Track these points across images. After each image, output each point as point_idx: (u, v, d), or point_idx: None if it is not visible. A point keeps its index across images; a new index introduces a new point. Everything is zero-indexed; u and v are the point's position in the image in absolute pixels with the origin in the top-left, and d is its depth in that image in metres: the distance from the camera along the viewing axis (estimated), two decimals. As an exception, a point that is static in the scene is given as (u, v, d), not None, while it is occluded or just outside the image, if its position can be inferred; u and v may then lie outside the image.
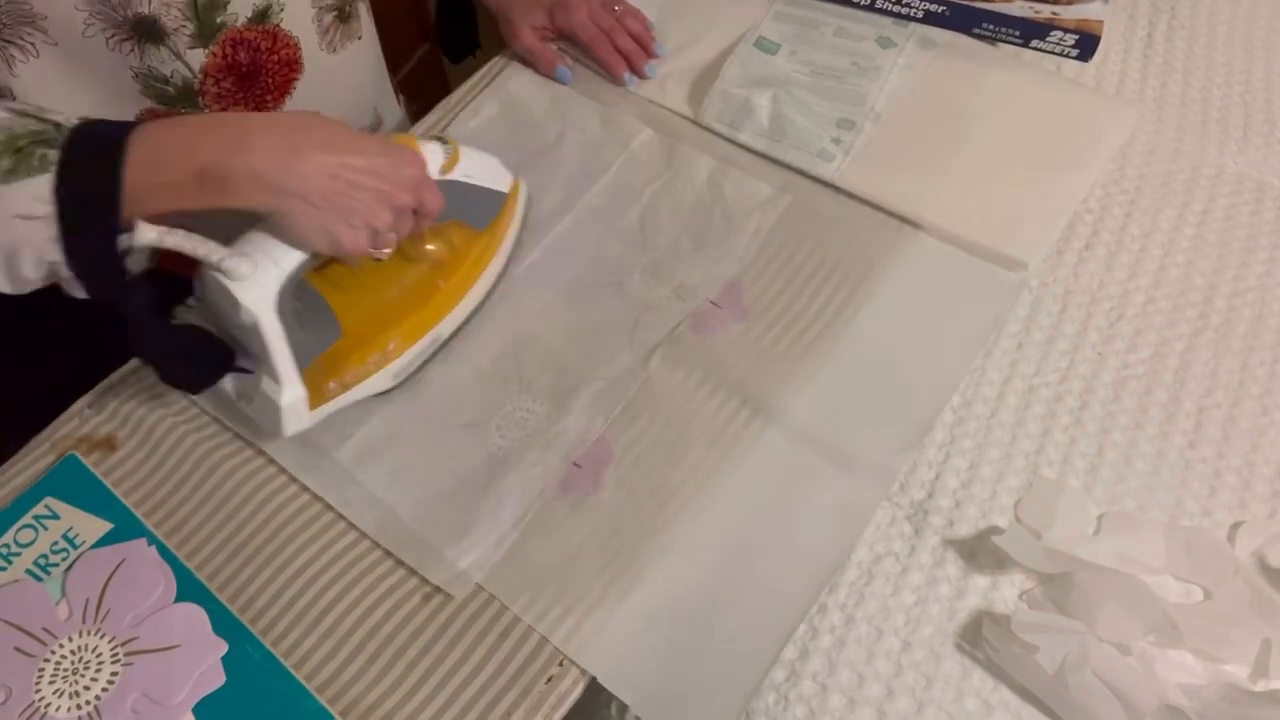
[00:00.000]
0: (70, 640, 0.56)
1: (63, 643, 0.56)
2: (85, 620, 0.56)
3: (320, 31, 0.71)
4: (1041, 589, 0.59)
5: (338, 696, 0.56)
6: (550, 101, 0.83)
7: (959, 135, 0.77)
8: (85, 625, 0.56)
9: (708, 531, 0.61)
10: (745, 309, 0.70)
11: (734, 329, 0.69)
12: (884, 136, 0.77)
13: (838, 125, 0.77)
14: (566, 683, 0.56)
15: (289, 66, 0.70)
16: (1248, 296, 0.71)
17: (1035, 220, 0.72)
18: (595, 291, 0.72)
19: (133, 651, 0.55)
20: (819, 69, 0.81)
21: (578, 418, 0.65)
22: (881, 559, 0.61)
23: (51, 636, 0.56)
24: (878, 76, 0.80)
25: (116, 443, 0.65)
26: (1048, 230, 0.72)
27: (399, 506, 0.62)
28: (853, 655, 0.57)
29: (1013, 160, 0.75)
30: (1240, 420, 0.65)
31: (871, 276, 0.71)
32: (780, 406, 0.65)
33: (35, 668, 0.55)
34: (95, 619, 0.56)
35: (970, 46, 0.82)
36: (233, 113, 0.67)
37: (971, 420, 0.66)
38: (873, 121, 0.77)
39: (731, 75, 0.80)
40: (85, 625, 0.56)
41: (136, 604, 0.57)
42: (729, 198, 0.76)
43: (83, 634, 0.56)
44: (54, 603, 0.57)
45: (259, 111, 0.70)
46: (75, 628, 0.56)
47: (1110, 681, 0.52)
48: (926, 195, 0.74)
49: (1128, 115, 0.79)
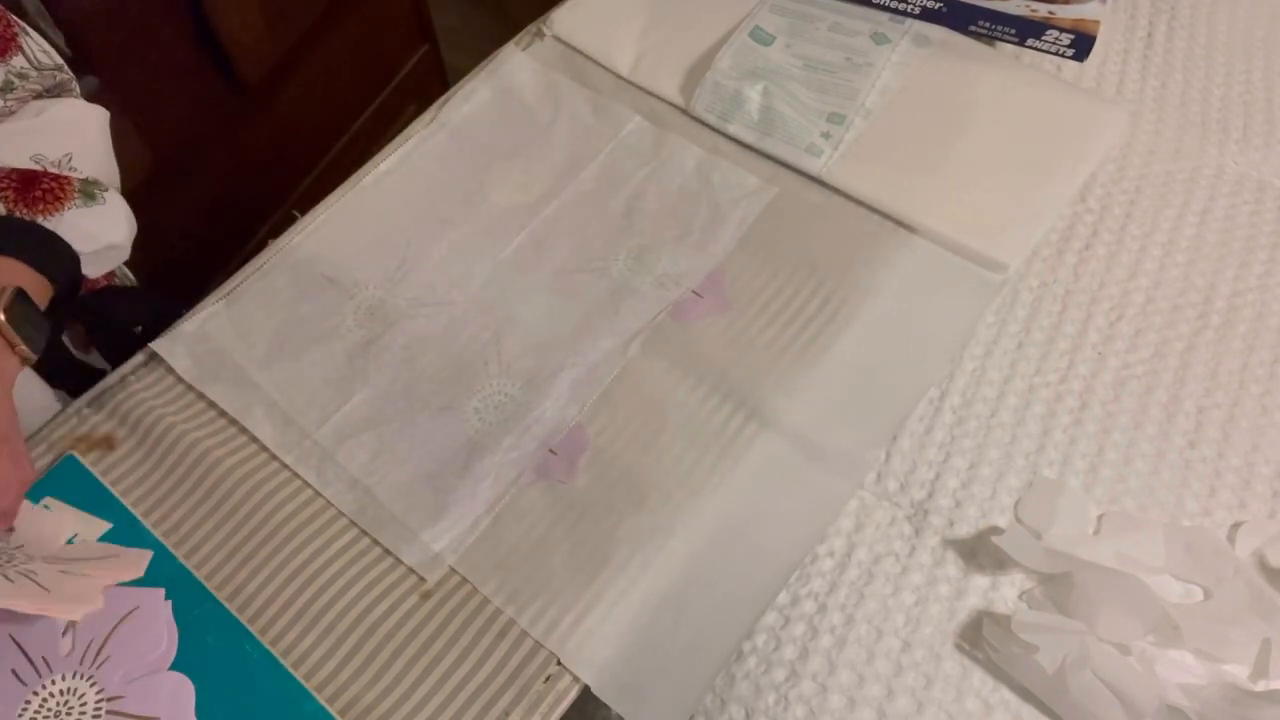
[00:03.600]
0: (63, 679, 0.55)
1: (55, 679, 0.55)
2: (83, 662, 0.56)
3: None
4: (1041, 589, 0.59)
5: (336, 695, 0.56)
6: (543, 88, 0.83)
7: (948, 134, 0.77)
8: (81, 668, 0.56)
9: (680, 521, 0.61)
10: (727, 300, 0.70)
11: (715, 319, 0.69)
12: (874, 133, 0.77)
13: (828, 120, 0.77)
14: (565, 682, 0.56)
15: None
16: (1248, 296, 0.71)
17: (1019, 222, 0.72)
18: (579, 277, 0.72)
19: (114, 712, 0.55)
20: (812, 63, 0.81)
21: (555, 403, 0.66)
22: (881, 559, 0.61)
23: (47, 669, 0.55)
24: (870, 72, 0.80)
25: (115, 442, 0.65)
26: (1031, 232, 0.72)
27: (378, 488, 0.63)
28: (853, 655, 0.57)
29: (1000, 161, 0.75)
30: (1240, 420, 0.65)
31: (853, 273, 0.71)
32: (757, 399, 0.65)
33: (23, 699, 0.55)
34: (93, 663, 0.56)
35: (965, 45, 0.82)
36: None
37: (971, 420, 0.66)
38: (863, 117, 0.77)
39: (723, 66, 0.80)
40: (81, 668, 0.56)
41: (133, 660, 0.56)
42: (716, 187, 0.76)
43: (76, 676, 0.55)
44: (60, 632, 0.57)
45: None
46: (71, 667, 0.56)
47: (1110, 681, 0.52)
48: (912, 193, 0.74)
49: (1119, 118, 0.78)
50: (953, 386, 0.67)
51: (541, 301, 0.71)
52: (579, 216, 0.75)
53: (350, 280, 0.72)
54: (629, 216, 0.75)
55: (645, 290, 0.71)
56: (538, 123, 0.81)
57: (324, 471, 0.64)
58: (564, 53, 0.86)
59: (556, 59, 0.85)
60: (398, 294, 0.71)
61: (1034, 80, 0.81)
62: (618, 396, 0.66)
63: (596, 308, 0.70)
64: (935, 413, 0.66)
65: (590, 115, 0.81)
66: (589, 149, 0.79)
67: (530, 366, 0.68)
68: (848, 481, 0.63)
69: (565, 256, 0.73)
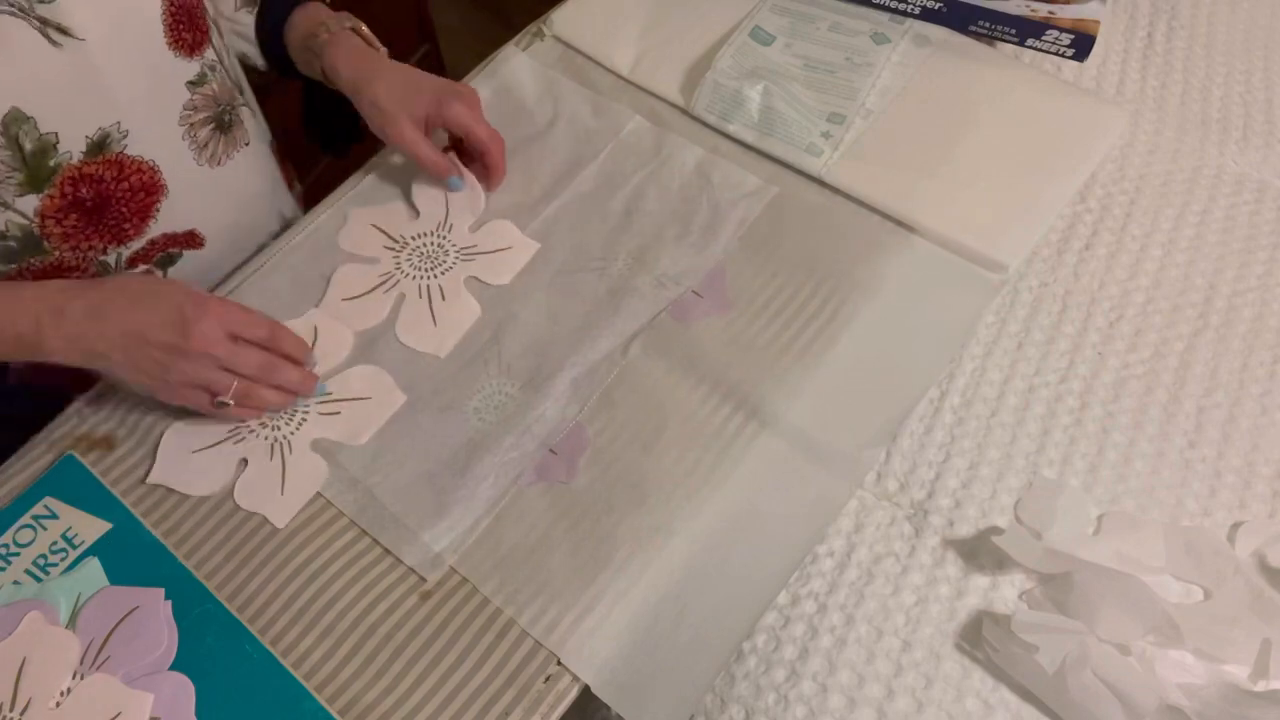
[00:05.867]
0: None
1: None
2: (83, 662, 0.56)
3: (196, 147, 0.69)
4: (1041, 589, 0.59)
5: (336, 695, 0.56)
6: (543, 88, 0.83)
7: (948, 134, 0.77)
8: (81, 667, 0.55)
9: (680, 521, 0.61)
10: (727, 300, 0.70)
11: (715, 319, 0.69)
12: (873, 133, 0.77)
13: (828, 120, 0.77)
14: (565, 681, 0.56)
15: (146, 191, 0.66)
16: (1248, 296, 0.71)
17: (1018, 222, 0.72)
18: (579, 276, 0.72)
19: None
20: (812, 63, 0.81)
21: (555, 403, 0.66)
22: (881, 559, 0.61)
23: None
24: (870, 73, 0.80)
25: (114, 442, 0.65)
26: (1030, 233, 0.72)
27: (378, 489, 0.63)
28: (853, 655, 0.57)
29: (1000, 161, 0.75)
30: (1240, 420, 0.65)
31: (853, 273, 0.71)
32: (756, 399, 0.65)
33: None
34: (93, 663, 0.56)
35: (965, 45, 0.82)
36: (62, 281, 0.59)
37: (971, 420, 0.66)
38: (863, 117, 0.77)
39: (724, 66, 0.80)
40: (81, 667, 0.55)
41: (133, 660, 0.56)
42: (716, 186, 0.76)
43: (77, 676, 0.55)
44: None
45: (119, 240, 0.67)
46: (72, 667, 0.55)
47: (1110, 681, 0.52)
48: (912, 193, 0.74)
49: (1119, 118, 0.79)
50: (953, 386, 0.67)
51: (541, 301, 0.71)
52: (579, 216, 0.75)
53: None
54: (629, 216, 0.75)
55: (645, 290, 0.71)
56: (537, 123, 0.81)
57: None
58: (564, 53, 0.86)
59: (556, 59, 0.85)
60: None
61: (1034, 80, 0.81)
62: (618, 396, 0.66)
63: (596, 307, 0.70)
64: (935, 413, 0.66)
65: (590, 115, 0.81)
66: (589, 149, 0.79)
67: (530, 366, 0.67)
68: (847, 481, 0.63)
69: (565, 256, 0.73)
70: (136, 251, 0.69)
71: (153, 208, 0.67)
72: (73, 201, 0.62)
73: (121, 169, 0.63)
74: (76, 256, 0.65)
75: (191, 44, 0.65)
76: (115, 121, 0.61)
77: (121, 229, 0.66)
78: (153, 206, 0.67)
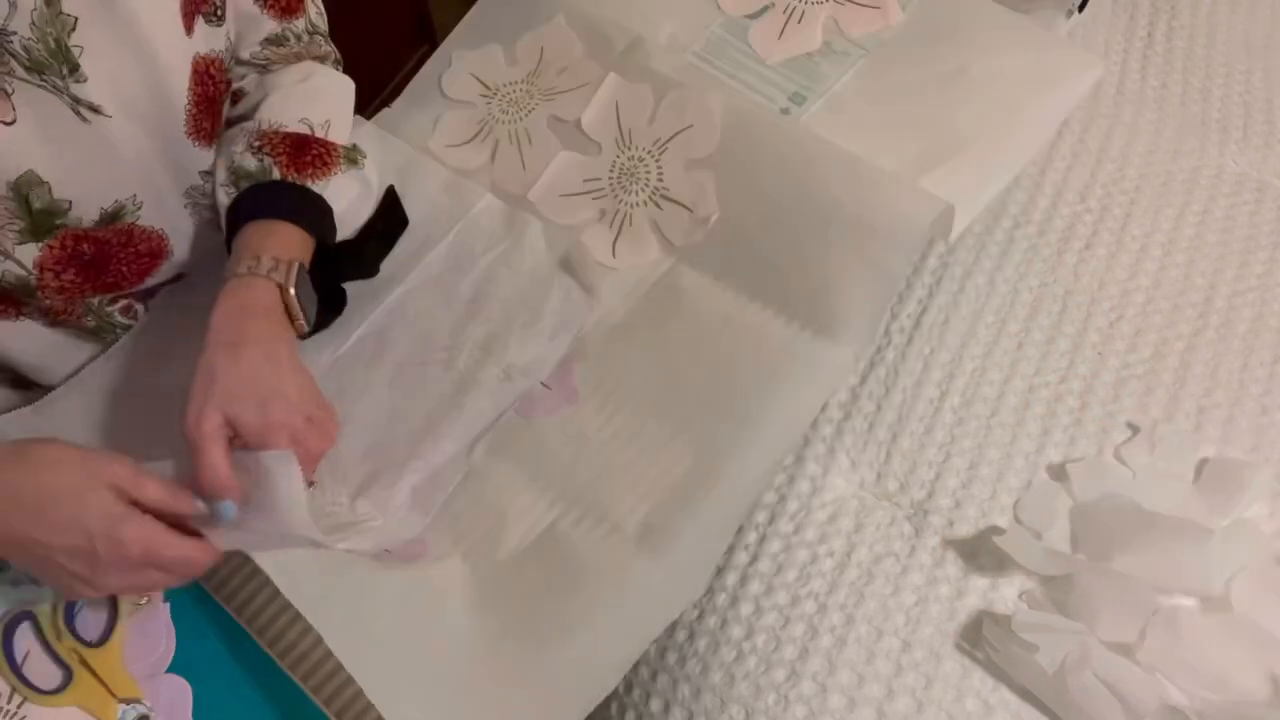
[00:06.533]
0: None
1: None
2: None
3: (206, 220, 0.67)
4: (1041, 589, 0.59)
5: (335, 695, 0.56)
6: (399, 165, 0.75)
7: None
8: None
9: None
10: (575, 390, 0.65)
11: (561, 412, 0.64)
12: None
13: (790, 99, 0.73)
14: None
15: (152, 255, 0.64)
16: (1248, 296, 0.71)
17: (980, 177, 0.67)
18: (423, 371, 0.66)
19: None
20: None
21: (395, 514, 0.61)
22: (881, 559, 0.60)
23: None
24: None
25: (114, 442, 0.65)
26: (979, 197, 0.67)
27: None
28: (853, 655, 0.57)
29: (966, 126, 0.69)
30: (1240, 420, 0.65)
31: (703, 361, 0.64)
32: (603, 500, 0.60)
33: None
34: None
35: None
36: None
37: (971, 420, 0.65)
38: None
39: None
40: None
41: (132, 663, 0.56)
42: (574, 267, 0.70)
43: None
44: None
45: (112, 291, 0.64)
46: None
47: (1110, 682, 0.52)
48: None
49: (1093, 64, 0.72)
50: (953, 386, 0.67)
51: (383, 399, 0.65)
52: (424, 302, 0.69)
53: None
54: (477, 302, 0.69)
55: (492, 384, 0.65)
56: None
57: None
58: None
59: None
60: None
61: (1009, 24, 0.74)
62: (460, 506, 0.61)
63: (440, 405, 0.64)
64: (935, 413, 0.66)
65: (440, 192, 0.74)
66: (437, 229, 0.72)
67: (368, 473, 0.62)
68: (686, 592, 0.58)
69: (409, 348, 0.67)
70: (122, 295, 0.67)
71: (155, 268, 0.66)
72: (72, 255, 0.60)
73: (130, 237, 0.62)
74: (65, 303, 0.64)
75: (210, 134, 0.65)
76: (131, 194, 0.61)
77: (118, 285, 0.65)
78: (155, 267, 0.66)
